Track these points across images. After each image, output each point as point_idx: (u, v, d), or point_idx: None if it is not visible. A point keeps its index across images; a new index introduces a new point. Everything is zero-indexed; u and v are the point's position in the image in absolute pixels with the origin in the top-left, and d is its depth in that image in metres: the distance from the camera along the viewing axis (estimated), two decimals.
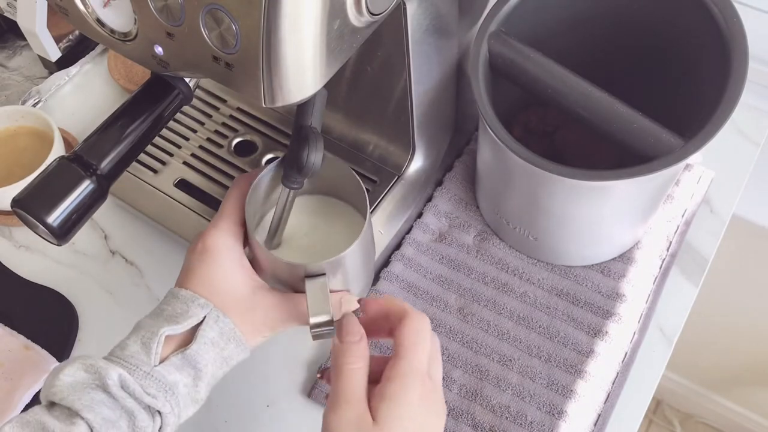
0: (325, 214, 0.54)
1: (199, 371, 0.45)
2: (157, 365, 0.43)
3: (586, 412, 0.57)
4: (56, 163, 0.43)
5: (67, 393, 0.41)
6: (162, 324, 0.45)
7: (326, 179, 0.52)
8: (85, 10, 0.43)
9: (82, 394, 0.41)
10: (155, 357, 0.43)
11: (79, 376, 0.42)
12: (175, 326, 0.45)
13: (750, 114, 0.72)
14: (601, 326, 0.60)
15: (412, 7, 0.50)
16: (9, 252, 0.69)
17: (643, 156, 0.51)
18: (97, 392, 0.41)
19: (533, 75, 0.55)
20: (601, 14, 0.59)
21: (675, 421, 1.41)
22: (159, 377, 0.43)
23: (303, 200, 0.54)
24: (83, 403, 0.41)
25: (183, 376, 0.44)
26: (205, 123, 0.70)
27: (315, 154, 0.46)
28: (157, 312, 0.46)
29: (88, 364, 0.42)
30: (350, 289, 0.50)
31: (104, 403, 0.41)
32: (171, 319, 0.45)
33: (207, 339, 0.45)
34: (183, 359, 0.44)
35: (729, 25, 0.51)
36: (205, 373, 0.45)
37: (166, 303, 0.47)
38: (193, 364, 0.45)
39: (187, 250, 0.50)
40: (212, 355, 0.45)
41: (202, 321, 0.46)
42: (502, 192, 0.60)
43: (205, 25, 0.38)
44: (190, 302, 0.46)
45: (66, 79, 0.80)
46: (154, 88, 0.47)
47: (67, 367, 0.42)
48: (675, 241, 0.65)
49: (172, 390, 0.43)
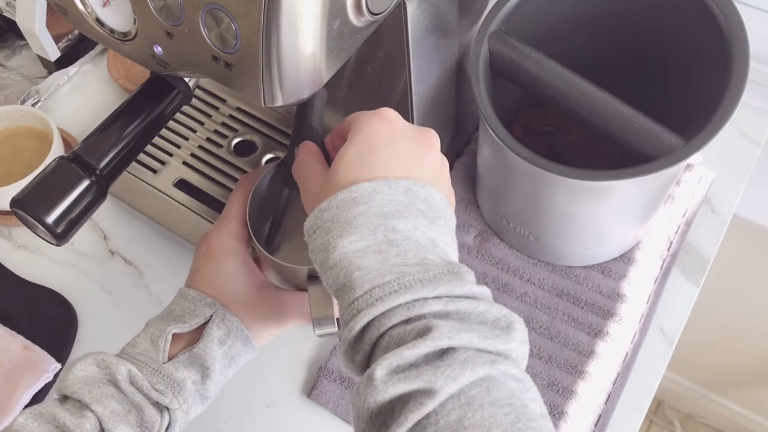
0: None
1: (207, 369, 0.45)
2: (165, 362, 0.44)
3: (586, 413, 0.57)
4: (55, 163, 0.43)
5: (78, 387, 0.42)
6: (170, 322, 0.46)
7: None
8: (84, 9, 0.43)
9: (92, 388, 0.42)
10: (164, 354, 0.45)
11: (91, 370, 0.43)
12: (183, 325, 0.45)
13: (751, 114, 0.72)
14: (601, 326, 0.60)
15: (412, 6, 0.50)
16: (8, 252, 0.69)
17: (643, 156, 0.51)
18: (107, 386, 0.43)
19: (534, 75, 0.55)
20: (602, 14, 0.59)
21: (676, 422, 1.41)
22: (167, 374, 0.44)
23: None
24: (93, 397, 0.42)
25: (191, 373, 0.45)
26: (204, 123, 0.70)
27: None
28: (166, 311, 0.48)
29: (99, 359, 0.43)
30: None
31: (113, 397, 0.42)
32: (179, 318, 0.46)
33: (214, 337, 0.46)
34: (190, 357, 0.45)
35: (730, 25, 0.51)
36: (213, 371, 0.46)
37: (175, 303, 0.48)
38: (201, 362, 0.45)
39: (194, 252, 0.51)
40: (219, 353, 0.46)
41: (209, 320, 0.46)
42: (502, 192, 0.60)
43: (205, 25, 0.38)
44: (197, 301, 0.47)
45: (65, 79, 0.79)
46: (154, 87, 0.47)
47: (81, 362, 0.43)
48: (676, 242, 0.65)
49: (180, 387, 0.44)
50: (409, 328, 0.33)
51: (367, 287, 0.34)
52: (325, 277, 0.37)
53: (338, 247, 0.35)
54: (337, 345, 0.61)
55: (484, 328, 0.34)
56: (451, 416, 0.31)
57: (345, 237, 0.35)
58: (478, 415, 0.31)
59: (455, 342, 0.33)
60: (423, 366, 0.32)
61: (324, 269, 0.37)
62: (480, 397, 0.32)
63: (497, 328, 0.34)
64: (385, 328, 0.34)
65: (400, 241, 0.36)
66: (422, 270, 0.35)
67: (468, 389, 0.32)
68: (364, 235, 0.35)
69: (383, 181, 0.37)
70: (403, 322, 0.34)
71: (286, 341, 0.61)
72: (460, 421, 0.31)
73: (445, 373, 0.32)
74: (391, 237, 0.36)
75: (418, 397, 0.31)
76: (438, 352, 0.33)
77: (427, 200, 0.38)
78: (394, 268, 0.34)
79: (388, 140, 0.39)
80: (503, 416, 0.31)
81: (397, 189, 0.37)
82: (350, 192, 0.37)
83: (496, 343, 0.34)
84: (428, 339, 0.32)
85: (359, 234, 0.35)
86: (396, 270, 0.34)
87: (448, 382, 0.31)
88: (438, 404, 0.31)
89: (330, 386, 0.59)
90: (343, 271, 0.35)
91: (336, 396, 0.59)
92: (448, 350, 0.33)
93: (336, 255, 0.35)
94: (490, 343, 0.33)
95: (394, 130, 0.39)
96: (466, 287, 0.35)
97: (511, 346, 0.34)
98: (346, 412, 0.58)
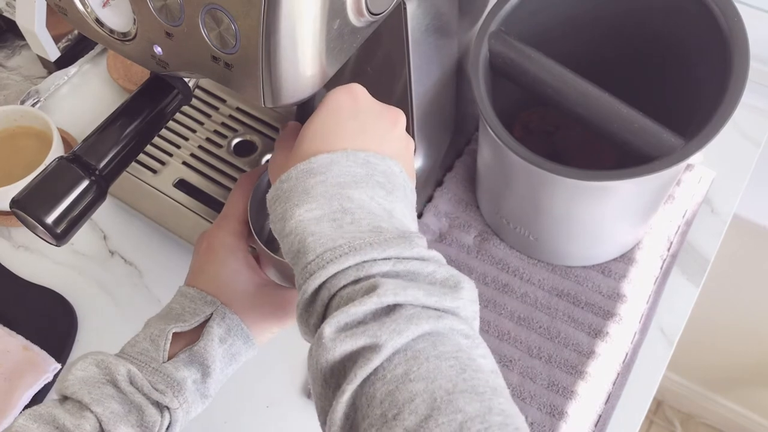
0: None
1: (207, 368, 0.45)
2: (165, 362, 0.44)
3: (586, 413, 0.57)
4: (55, 163, 0.43)
5: (78, 387, 0.42)
6: (170, 321, 0.46)
7: None
8: (84, 9, 0.43)
9: (92, 388, 0.42)
10: (164, 353, 0.45)
11: (91, 371, 0.43)
12: (183, 324, 0.45)
13: (751, 114, 0.72)
14: (601, 327, 0.60)
15: (412, 7, 0.50)
16: (8, 252, 0.69)
17: (643, 156, 0.51)
18: (107, 387, 0.42)
19: (534, 75, 0.55)
20: (602, 14, 0.59)
21: (676, 422, 1.41)
22: (167, 373, 0.44)
23: None
24: (93, 397, 0.41)
25: (191, 372, 0.45)
26: (204, 123, 0.70)
27: None
28: (166, 310, 0.47)
29: (99, 360, 0.43)
30: None
31: (113, 397, 0.42)
32: (179, 317, 0.46)
33: (214, 335, 0.46)
34: (190, 356, 0.45)
35: (730, 25, 0.51)
36: (213, 369, 0.46)
37: (175, 302, 0.48)
38: (201, 361, 0.45)
39: (193, 251, 0.51)
40: (220, 351, 0.46)
41: (210, 318, 0.46)
42: (502, 192, 0.60)
43: (205, 25, 0.38)
44: (197, 300, 0.47)
45: (65, 79, 0.79)
46: (153, 88, 0.47)
47: (80, 362, 0.43)
48: (676, 242, 0.65)
49: (180, 386, 0.44)
50: (357, 288, 0.35)
51: (319, 251, 0.35)
52: (282, 245, 0.38)
53: (294, 215, 0.37)
54: None
55: (432, 287, 0.35)
56: (398, 370, 0.32)
57: (302, 206, 0.37)
58: (423, 368, 0.32)
59: (401, 298, 0.34)
60: (370, 323, 0.33)
61: (281, 237, 0.38)
62: (426, 351, 0.32)
63: (445, 287, 0.35)
64: (336, 289, 0.35)
65: (354, 209, 0.37)
66: (374, 235, 0.36)
67: (414, 344, 0.33)
68: (320, 204, 0.37)
69: (342, 152, 0.38)
70: (353, 282, 0.35)
71: (286, 341, 0.61)
72: (406, 374, 0.32)
73: (390, 328, 0.33)
74: (346, 206, 0.37)
75: (366, 353, 0.32)
76: (385, 309, 0.34)
77: (385, 173, 0.39)
78: (347, 234, 0.36)
79: (353, 114, 0.41)
80: (448, 368, 0.32)
81: (356, 160, 0.38)
82: (309, 163, 0.38)
83: (443, 300, 0.34)
84: (374, 296, 0.33)
85: (315, 203, 0.37)
86: (348, 235, 0.36)
87: (393, 336, 0.32)
88: (384, 359, 0.32)
89: None
90: (298, 238, 0.36)
91: None
92: (395, 307, 0.34)
93: (292, 223, 0.37)
94: (437, 300, 0.34)
95: (359, 104, 0.41)
96: (415, 249, 0.36)
97: (458, 303, 0.35)
98: None
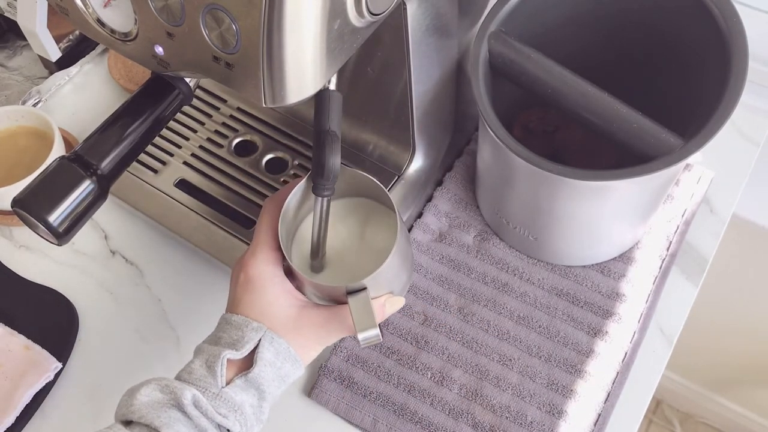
0: (354, 215, 0.54)
1: (263, 392, 0.46)
2: (224, 386, 0.45)
3: (586, 412, 0.57)
4: (56, 163, 0.43)
5: (145, 411, 0.43)
6: (223, 349, 0.46)
7: (343, 184, 0.52)
8: (85, 10, 0.43)
9: (160, 412, 0.43)
10: (221, 379, 0.45)
11: (155, 396, 0.44)
12: (235, 352, 0.46)
13: (750, 114, 0.72)
14: (601, 326, 0.60)
15: (412, 7, 0.50)
16: (9, 252, 0.69)
17: (643, 156, 0.51)
18: (174, 411, 0.43)
19: (533, 75, 0.55)
20: (602, 14, 0.59)
21: (675, 421, 1.41)
22: (227, 398, 0.45)
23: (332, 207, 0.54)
24: (162, 421, 0.42)
25: (249, 396, 0.46)
26: (205, 123, 0.70)
27: (333, 158, 0.46)
28: (215, 338, 0.48)
29: (163, 385, 0.44)
30: (392, 290, 0.51)
31: (180, 421, 0.43)
32: (230, 345, 0.47)
33: (265, 361, 0.47)
34: (246, 381, 0.46)
35: (729, 25, 0.51)
36: (268, 393, 0.47)
37: (221, 330, 0.48)
38: (257, 386, 0.46)
39: (230, 281, 0.51)
40: (271, 375, 0.47)
41: (258, 344, 0.47)
42: (502, 192, 0.60)
43: (206, 25, 0.38)
44: (244, 327, 0.47)
45: (66, 79, 0.80)
46: (155, 88, 0.47)
47: (143, 387, 0.44)
48: (675, 241, 0.65)
49: (241, 410, 0.45)
50: None
51: None
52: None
53: None
54: (337, 344, 0.61)
55: None
56: None
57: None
58: None
59: None
60: None
61: None
62: None
63: None
64: None
65: None
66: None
67: None
68: None
69: None
70: None
71: None
72: None
73: None
74: None
75: None
76: None
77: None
78: None
79: None
80: None
81: None
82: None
83: None
84: None
85: None
86: None
87: None
88: None
89: (330, 386, 0.59)
90: None
91: (336, 396, 0.59)
92: None
93: None
94: None
95: None
96: None
97: None
98: (346, 411, 0.59)
